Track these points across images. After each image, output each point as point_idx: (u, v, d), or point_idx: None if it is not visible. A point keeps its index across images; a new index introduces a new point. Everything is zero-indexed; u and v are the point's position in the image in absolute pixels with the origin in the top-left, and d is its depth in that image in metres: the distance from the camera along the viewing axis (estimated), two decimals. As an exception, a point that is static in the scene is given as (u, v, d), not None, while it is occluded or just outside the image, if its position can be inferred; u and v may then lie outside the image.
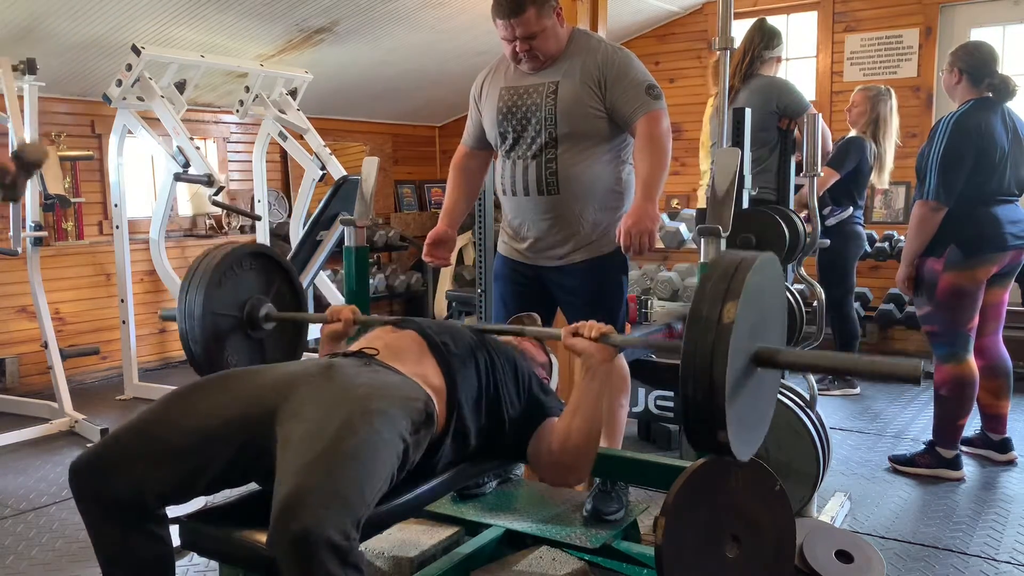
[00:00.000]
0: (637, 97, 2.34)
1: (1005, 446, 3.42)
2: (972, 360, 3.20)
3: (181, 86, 4.44)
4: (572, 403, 1.82)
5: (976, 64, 3.16)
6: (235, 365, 2.22)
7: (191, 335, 2.16)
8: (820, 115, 3.18)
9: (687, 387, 1.44)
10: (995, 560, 2.58)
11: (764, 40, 3.64)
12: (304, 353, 2.54)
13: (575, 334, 1.83)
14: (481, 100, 2.56)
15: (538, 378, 1.98)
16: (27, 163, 2.50)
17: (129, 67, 4.12)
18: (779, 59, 3.71)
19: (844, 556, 2.35)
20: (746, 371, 1.49)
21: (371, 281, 5.57)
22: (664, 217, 5.93)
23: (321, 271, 4.99)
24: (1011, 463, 3.38)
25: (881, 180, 4.43)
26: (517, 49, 2.36)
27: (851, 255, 4.47)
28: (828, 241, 3.86)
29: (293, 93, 4.94)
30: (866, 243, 4.61)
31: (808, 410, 2.74)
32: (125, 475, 1.54)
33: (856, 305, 5.26)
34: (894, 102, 4.45)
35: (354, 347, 1.87)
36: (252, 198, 5.39)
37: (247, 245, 2.34)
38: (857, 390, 4.54)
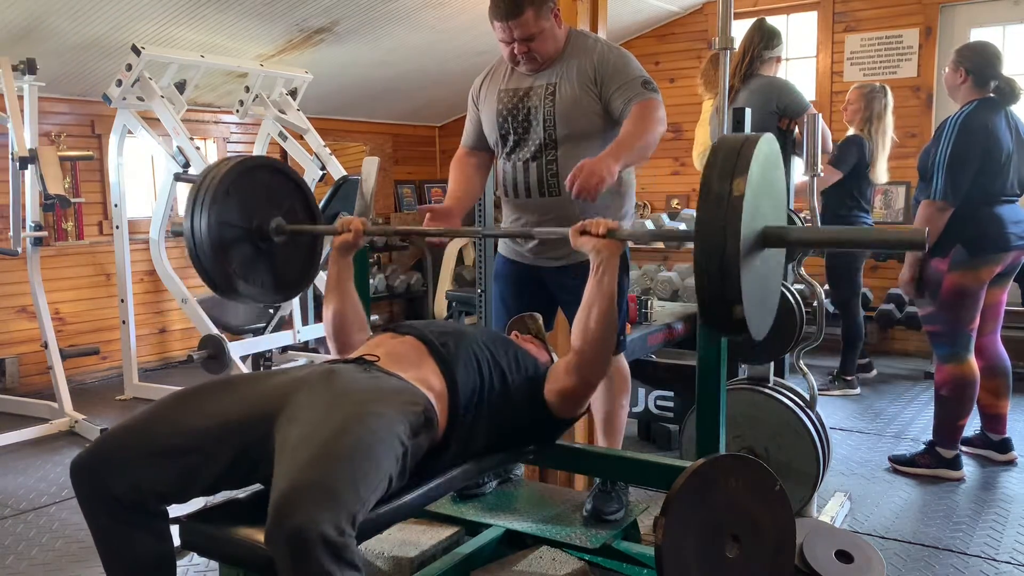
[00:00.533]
0: (632, 89, 2.32)
1: (1005, 446, 3.42)
2: (973, 360, 3.20)
3: (181, 86, 4.44)
4: (586, 301, 1.87)
5: (983, 65, 3.15)
6: (244, 279, 2.22)
7: (199, 247, 2.13)
8: (820, 115, 3.18)
9: (702, 263, 1.48)
10: (995, 560, 2.58)
11: (764, 40, 3.63)
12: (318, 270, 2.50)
13: (583, 232, 1.88)
14: (480, 102, 2.56)
15: (543, 371, 1.99)
16: None
17: (129, 67, 4.12)
18: (779, 59, 3.71)
19: (844, 556, 2.35)
20: (755, 249, 1.53)
21: (371, 281, 5.57)
22: (664, 217, 5.93)
23: (321, 271, 4.99)
24: (1011, 463, 3.39)
25: (875, 176, 4.43)
26: (515, 51, 2.36)
27: (858, 255, 4.50)
28: None
29: (293, 93, 4.94)
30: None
31: (808, 410, 2.74)
32: (124, 473, 1.55)
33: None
34: (890, 99, 4.46)
35: (354, 354, 1.88)
36: (252, 198, 5.39)
37: (254, 157, 2.31)
38: (857, 391, 4.54)
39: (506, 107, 2.45)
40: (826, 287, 5.00)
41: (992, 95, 3.16)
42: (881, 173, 4.44)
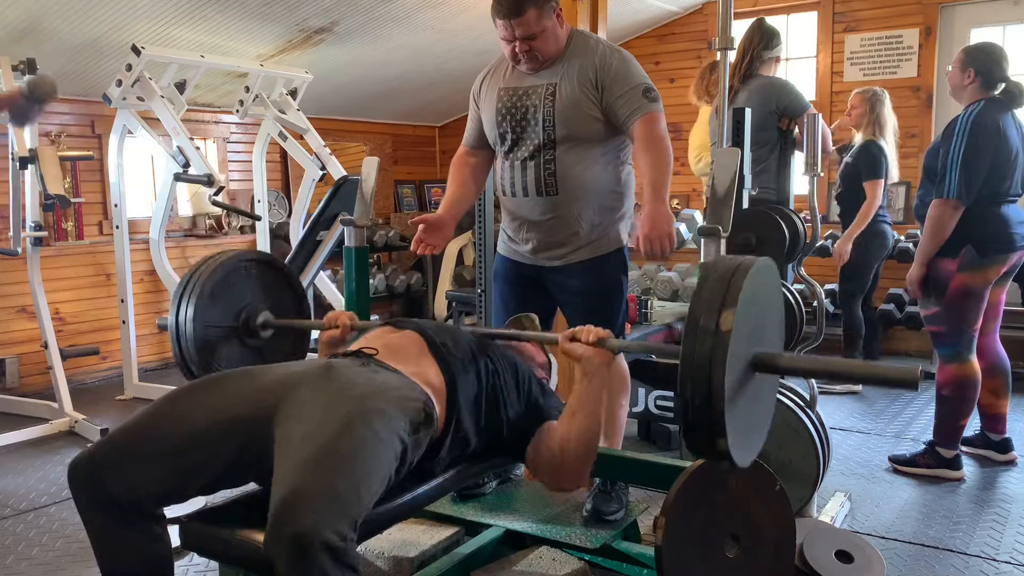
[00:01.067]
0: (634, 100, 2.34)
1: (1005, 446, 3.42)
2: (975, 360, 3.20)
3: (181, 86, 4.44)
4: (570, 407, 1.82)
5: (992, 66, 3.14)
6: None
7: (187, 353, 2.15)
8: (820, 115, 3.18)
9: (686, 396, 1.44)
10: (995, 560, 2.58)
11: (764, 40, 3.64)
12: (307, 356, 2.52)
13: (572, 339, 1.83)
14: (480, 100, 2.56)
15: (537, 379, 1.98)
16: (36, 94, 2.59)
17: (129, 67, 4.12)
18: (778, 59, 3.72)
19: (844, 556, 2.35)
20: (745, 377, 1.49)
21: (371, 281, 5.57)
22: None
23: (321, 271, 4.99)
24: (1011, 463, 3.38)
25: (891, 177, 4.50)
26: (516, 50, 2.36)
27: (872, 253, 4.53)
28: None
29: (293, 93, 4.94)
30: (889, 243, 4.63)
31: (808, 410, 2.74)
32: (122, 475, 1.54)
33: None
34: (888, 101, 4.52)
35: (353, 347, 1.87)
36: (252, 198, 5.39)
37: (242, 253, 2.31)
38: (859, 388, 4.56)
39: (505, 106, 2.45)
40: (827, 286, 5.03)
41: (998, 96, 3.15)
42: (895, 173, 4.52)
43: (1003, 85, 3.14)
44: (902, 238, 5.17)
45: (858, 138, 4.51)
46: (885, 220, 4.53)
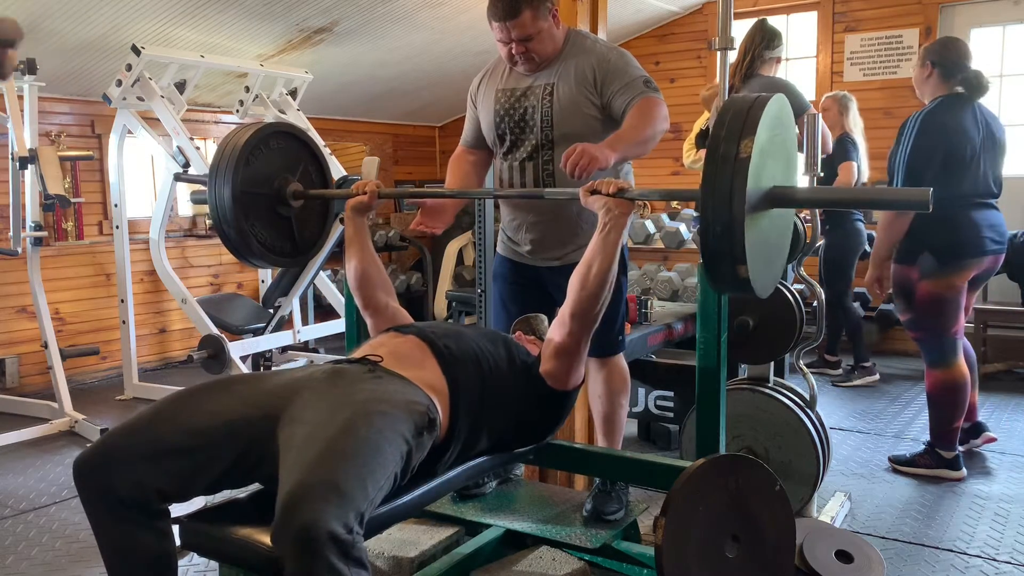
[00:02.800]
0: (634, 88, 2.32)
1: (977, 430, 3.48)
2: (961, 363, 3.18)
3: (181, 86, 4.44)
4: (588, 257, 1.90)
5: (950, 58, 3.11)
6: (265, 243, 2.33)
7: (222, 214, 2.23)
8: (820, 115, 3.18)
9: (707, 222, 1.51)
10: (995, 560, 2.58)
11: (765, 40, 3.64)
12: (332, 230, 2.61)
13: (593, 192, 1.92)
14: (478, 101, 2.56)
15: (540, 373, 1.99)
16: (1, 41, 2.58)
17: (129, 67, 4.13)
18: (779, 59, 3.72)
19: (844, 556, 2.35)
20: (762, 209, 1.55)
21: (371, 281, 5.55)
22: (664, 217, 5.94)
23: (321, 271, 4.99)
24: (990, 442, 3.47)
25: (861, 175, 4.60)
26: (513, 51, 2.35)
27: (851, 251, 4.61)
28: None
29: (293, 93, 4.94)
30: (866, 241, 4.68)
31: (808, 410, 2.74)
32: (127, 471, 1.55)
33: (856, 305, 5.29)
34: (855, 105, 4.68)
35: (357, 354, 1.88)
36: (252, 198, 5.39)
37: (273, 124, 2.39)
38: (876, 376, 4.69)
39: (503, 107, 2.45)
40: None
41: (959, 89, 3.12)
42: (865, 172, 4.62)
43: (961, 76, 3.11)
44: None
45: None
46: (859, 219, 4.62)
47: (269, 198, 2.32)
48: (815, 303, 3.03)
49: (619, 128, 2.39)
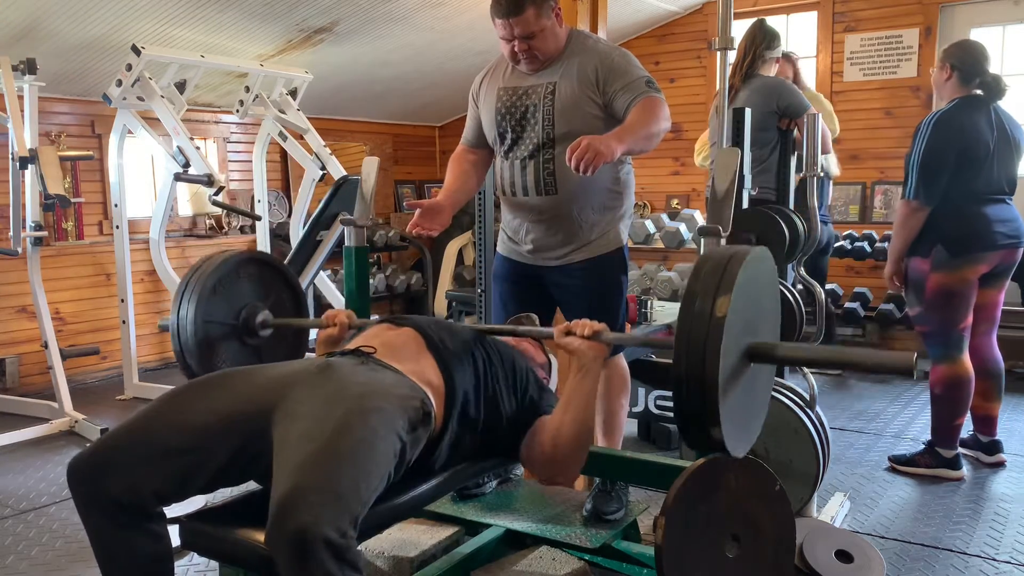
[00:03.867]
0: (636, 88, 2.32)
1: (994, 448, 3.40)
2: (966, 359, 3.19)
3: (181, 86, 4.44)
4: (563, 401, 1.83)
5: (969, 61, 3.14)
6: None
7: (187, 349, 2.16)
8: (820, 115, 3.18)
9: (679, 383, 1.43)
10: (995, 560, 2.58)
11: (765, 40, 3.65)
12: (306, 355, 2.52)
13: (568, 333, 1.83)
14: (479, 99, 2.56)
15: (536, 376, 1.98)
16: None
17: (129, 67, 4.12)
18: (777, 60, 3.72)
19: (844, 556, 2.35)
20: (739, 366, 1.48)
21: (371, 281, 5.57)
22: (664, 217, 5.93)
23: (321, 271, 4.99)
24: (999, 465, 3.37)
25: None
26: (516, 49, 2.36)
27: (820, 252, 4.52)
28: None
29: (293, 93, 4.94)
30: (826, 239, 4.64)
31: (808, 410, 2.74)
32: (121, 473, 1.55)
33: (856, 305, 5.28)
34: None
35: (351, 345, 1.87)
36: (252, 198, 5.39)
37: (243, 252, 2.33)
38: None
39: (504, 105, 2.45)
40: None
41: (977, 92, 3.15)
42: (835, 168, 4.61)
43: (980, 79, 3.13)
44: (838, 234, 5.27)
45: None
46: (826, 218, 4.55)
47: (236, 328, 2.27)
48: (815, 303, 3.03)
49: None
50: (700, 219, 5.19)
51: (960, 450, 3.32)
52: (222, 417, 1.61)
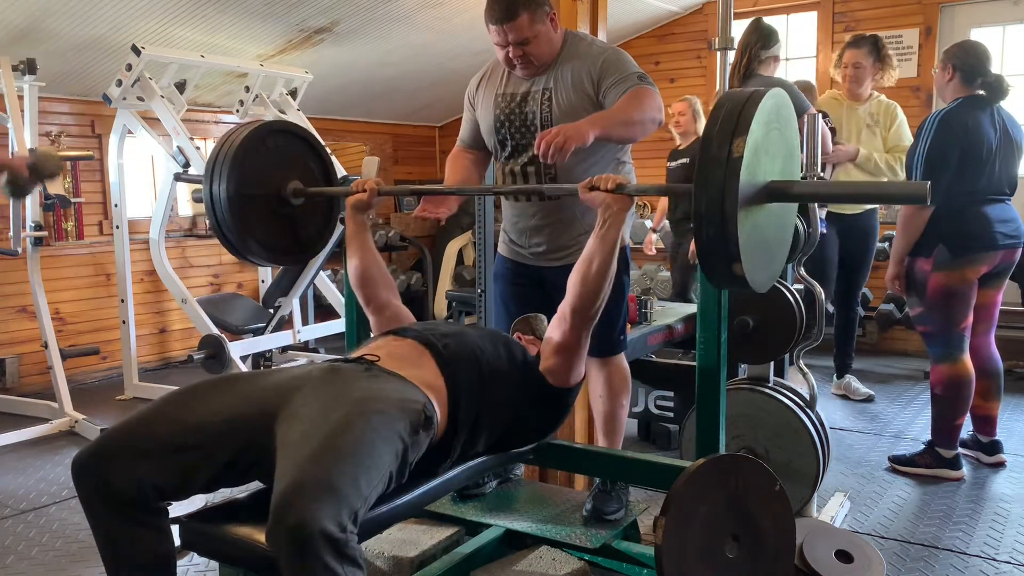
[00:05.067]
0: (628, 81, 2.30)
1: (994, 448, 3.40)
2: (967, 359, 3.19)
3: (181, 86, 4.44)
4: (587, 253, 1.92)
5: (971, 62, 3.14)
6: (265, 243, 2.29)
7: (220, 217, 2.20)
8: (820, 115, 3.18)
9: (700, 224, 1.50)
10: (995, 560, 2.58)
11: (761, 39, 3.64)
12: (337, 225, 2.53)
13: (592, 188, 1.93)
14: (476, 105, 2.54)
15: (540, 372, 1.99)
16: (41, 174, 2.64)
17: (129, 67, 4.12)
18: (776, 58, 3.71)
19: (844, 556, 2.35)
20: (758, 204, 1.54)
21: (371, 281, 5.56)
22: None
23: (321, 271, 4.99)
24: (1000, 465, 3.37)
25: None
26: (510, 54, 2.34)
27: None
28: None
29: (293, 93, 4.94)
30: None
31: (808, 410, 2.74)
32: (124, 468, 1.56)
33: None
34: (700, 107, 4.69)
35: (355, 354, 1.89)
36: (252, 198, 5.38)
37: (268, 123, 2.35)
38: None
39: (503, 112, 2.44)
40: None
41: (979, 92, 3.15)
42: None
43: (982, 80, 3.14)
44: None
45: (678, 139, 4.60)
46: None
47: (267, 198, 2.30)
48: (815, 303, 3.03)
49: None
50: (700, 219, 5.19)
51: (960, 450, 3.33)
52: (225, 417, 1.63)
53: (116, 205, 4.63)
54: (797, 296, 2.81)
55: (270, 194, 2.30)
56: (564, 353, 1.95)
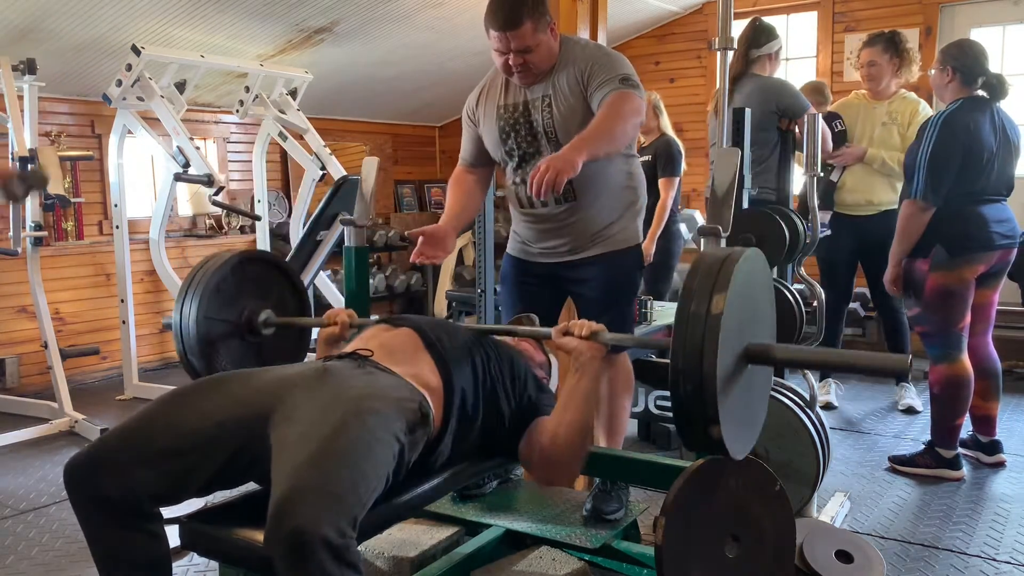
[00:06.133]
0: (611, 83, 2.28)
1: (994, 448, 3.40)
2: (966, 359, 3.19)
3: (181, 86, 4.44)
4: (562, 401, 1.83)
5: (969, 63, 3.14)
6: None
7: (189, 348, 2.17)
8: (820, 115, 3.18)
9: (677, 383, 1.43)
10: (995, 560, 2.58)
11: (753, 37, 3.65)
12: (307, 354, 2.53)
13: (565, 333, 1.83)
14: (478, 120, 2.52)
15: (535, 377, 1.98)
16: (30, 184, 2.69)
17: (129, 67, 4.12)
18: (771, 57, 3.70)
19: (844, 556, 2.35)
20: (737, 367, 1.48)
21: (371, 281, 5.57)
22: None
23: (321, 271, 4.99)
24: (1000, 465, 3.37)
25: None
26: (510, 62, 2.33)
27: (671, 254, 4.49)
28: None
29: (293, 93, 4.94)
30: (682, 242, 4.66)
31: (808, 410, 2.74)
32: (117, 475, 1.55)
33: (856, 305, 5.26)
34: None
35: (348, 348, 1.87)
36: (252, 198, 5.39)
37: (245, 252, 2.33)
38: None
39: (507, 123, 2.43)
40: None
41: (980, 92, 3.14)
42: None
43: (983, 79, 3.13)
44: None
45: (657, 139, 4.48)
46: (679, 222, 4.52)
47: (239, 326, 2.28)
48: (815, 303, 3.03)
49: None
50: (700, 219, 5.19)
51: (960, 450, 3.32)
52: (218, 421, 1.61)
53: (116, 205, 4.63)
54: (797, 296, 2.81)
55: (240, 322, 2.28)
56: (535, 477, 1.93)
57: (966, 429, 3.43)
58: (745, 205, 2.99)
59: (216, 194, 4.20)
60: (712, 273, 1.45)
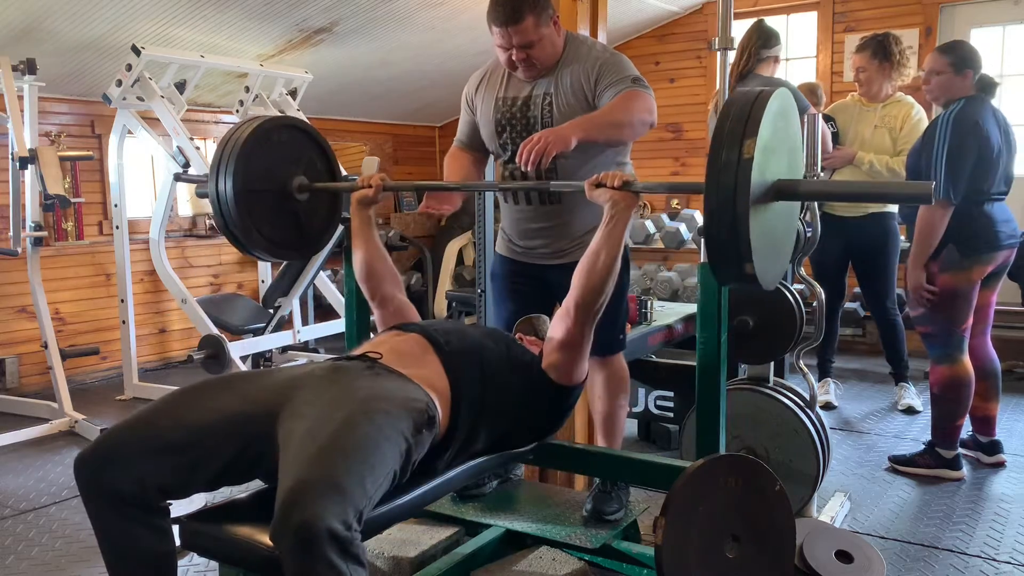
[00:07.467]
0: (622, 83, 2.29)
1: (994, 448, 3.40)
2: (967, 360, 3.18)
3: (181, 86, 4.44)
4: (593, 248, 1.93)
5: (979, 62, 3.14)
6: (271, 238, 2.30)
7: (225, 213, 2.21)
8: (820, 115, 3.18)
9: (711, 225, 1.53)
10: (995, 560, 2.58)
11: (760, 39, 3.65)
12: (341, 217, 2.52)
13: (598, 185, 1.95)
14: (476, 106, 2.53)
15: (544, 372, 1.99)
16: None
17: (129, 67, 4.12)
18: (776, 59, 3.72)
19: (844, 556, 2.35)
20: (767, 204, 1.57)
21: (371, 281, 5.56)
22: (664, 217, 5.94)
23: (321, 271, 4.99)
24: (999, 465, 3.37)
25: None
26: (513, 57, 2.33)
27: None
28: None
29: (293, 93, 4.94)
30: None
31: (808, 410, 2.74)
32: (124, 466, 1.56)
33: (856, 305, 5.27)
34: None
35: (358, 351, 1.89)
36: (252, 198, 5.39)
37: (271, 118, 2.36)
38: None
39: (505, 116, 2.43)
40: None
41: (976, 92, 3.13)
42: None
43: (978, 78, 3.13)
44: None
45: None
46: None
47: (273, 193, 2.30)
48: (815, 303, 3.03)
49: None
50: (700, 219, 5.19)
51: (960, 450, 3.33)
52: (227, 416, 1.63)
53: (116, 205, 4.63)
54: (797, 296, 2.81)
55: (275, 189, 2.31)
56: (567, 349, 1.96)
57: (966, 429, 3.43)
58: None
59: (216, 194, 4.19)
60: (742, 117, 1.52)
